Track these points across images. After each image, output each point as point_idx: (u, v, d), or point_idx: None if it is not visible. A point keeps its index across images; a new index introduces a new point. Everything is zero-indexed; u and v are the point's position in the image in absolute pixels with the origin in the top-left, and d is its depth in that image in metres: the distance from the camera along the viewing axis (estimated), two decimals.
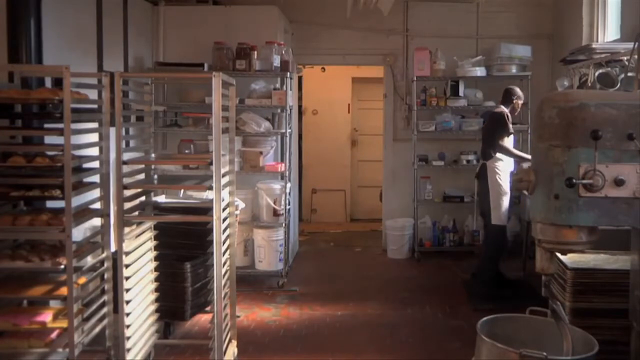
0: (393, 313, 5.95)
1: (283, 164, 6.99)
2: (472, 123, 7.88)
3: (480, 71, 7.73)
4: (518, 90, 6.57)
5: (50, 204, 3.99)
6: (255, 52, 6.81)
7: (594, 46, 5.79)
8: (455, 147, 8.09)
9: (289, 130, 7.06)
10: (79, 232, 4.18)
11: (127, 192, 3.86)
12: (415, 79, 7.88)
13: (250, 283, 6.72)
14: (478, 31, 8.18)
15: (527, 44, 7.78)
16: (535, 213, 2.91)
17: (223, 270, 3.98)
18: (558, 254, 3.12)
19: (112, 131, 3.83)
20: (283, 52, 6.95)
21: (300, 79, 9.36)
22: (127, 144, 5.46)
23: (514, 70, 7.72)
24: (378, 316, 5.88)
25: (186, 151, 6.71)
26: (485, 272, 6.39)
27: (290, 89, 7.30)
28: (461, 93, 7.85)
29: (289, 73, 7.00)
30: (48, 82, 4.51)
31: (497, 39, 7.88)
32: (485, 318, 3.24)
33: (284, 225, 6.91)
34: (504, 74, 7.71)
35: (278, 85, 7.06)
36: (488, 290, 6.23)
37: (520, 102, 6.56)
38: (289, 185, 7.08)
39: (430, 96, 7.92)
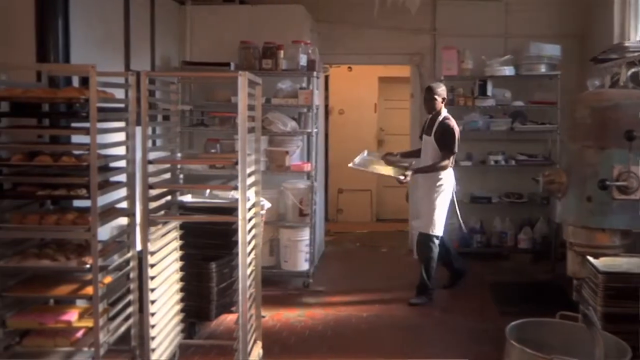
0: (419, 315, 5.89)
1: (309, 164, 6.96)
2: (500, 123, 7.76)
3: (508, 70, 7.62)
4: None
5: (77, 203, 3.99)
6: (282, 52, 6.79)
7: (626, 45, 5.67)
8: (483, 148, 7.97)
9: (315, 130, 7.02)
10: (105, 231, 4.18)
11: (153, 192, 3.85)
12: (442, 78, 7.77)
13: (276, 283, 6.69)
14: (506, 30, 8.06)
15: (556, 42, 7.66)
16: (566, 215, 2.85)
17: (248, 271, 3.95)
18: (590, 258, 3.05)
19: (138, 130, 3.82)
20: (309, 51, 6.92)
21: (326, 78, 9.32)
22: (154, 143, 5.46)
23: (543, 69, 7.59)
24: (403, 318, 5.82)
25: (212, 150, 6.71)
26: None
27: (317, 89, 7.26)
28: (489, 93, 7.72)
29: (315, 72, 6.97)
30: (76, 82, 4.52)
31: (525, 38, 7.75)
32: (514, 323, 3.19)
33: (309, 225, 6.88)
34: (533, 73, 7.59)
35: (304, 85, 7.03)
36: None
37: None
38: (315, 185, 7.04)
39: (458, 96, 7.81)
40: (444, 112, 6.25)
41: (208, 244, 5.02)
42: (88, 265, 3.55)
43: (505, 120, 7.78)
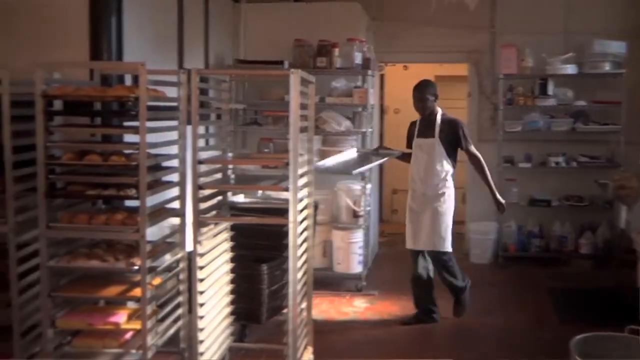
0: (474, 321, 5.72)
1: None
2: (561, 123, 7.54)
3: (570, 69, 7.39)
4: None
5: (129, 202, 3.95)
6: (337, 50, 6.71)
7: None
8: (543, 149, 7.74)
9: (369, 130, 6.91)
10: (156, 231, 4.13)
11: (203, 192, 3.78)
12: (501, 77, 7.60)
13: (329, 285, 6.58)
14: (568, 26, 7.77)
15: (620, 39, 7.36)
16: (637, 223, 2.66)
17: (299, 275, 3.86)
18: None
19: (190, 129, 3.76)
20: (365, 49, 6.81)
21: (382, 77, 9.19)
22: (207, 142, 5.42)
23: (607, 67, 7.35)
24: (458, 324, 5.66)
25: (265, 150, 6.65)
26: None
27: (372, 87, 7.15)
28: (550, 92, 7.51)
29: (370, 71, 6.87)
30: (128, 80, 4.50)
31: (588, 35, 7.47)
32: (579, 337, 3.02)
33: (363, 227, 6.76)
34: (597, 72, 7.36)
35: (359, 83, 6.94)
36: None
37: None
38: (369, 186, 6.92)
39: (517, 95, 7.63)
40: (440, 110, 5.70)
41: (259, 245, 4.92)
42: (136, 267, 3.49)
43: (567, 120, 7.55)
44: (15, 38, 4.44)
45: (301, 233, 3.94)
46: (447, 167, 5.56)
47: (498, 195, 5.67)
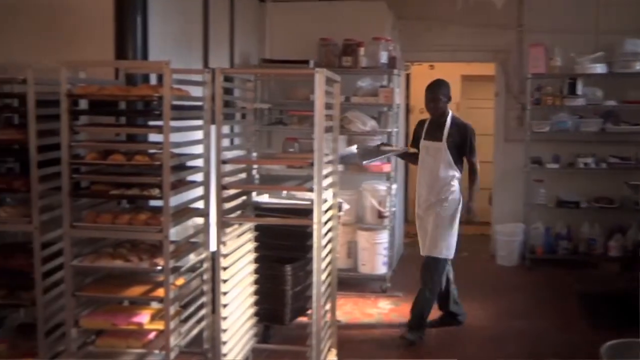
0: (500, 325, 5.65)
1: (389, 164, 6.78)
2: (591, 124, 7.42)
3: (600, 68, 7.28)
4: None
5: (153, 202, 3.94)
6: (362, 49, 6.67)
7: None
8: (572, 149, 7.62)
9: (395, 129, 6.85)
10: (180, 231, 4.12)
11: (227, 192, 3.76)
12: (529, 76, 7.50)
13: (353, 286, 6.53)
14: (598, 25, 7.64)
15: None
16: None
17: (323, 277, 3.82)
18: None
19: (214, 129, 3.74)
20: (390, 48, 6.76)
21: (407, 76, 9.12)
22: (232, 142, 5.40)
23: (638, 67, 7.21)
24: (484, 328, 5.59)
25: (290, 150, 6.62)
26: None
27: (398, 87, 7.09)
28: (579, 91, 7.39)
29: (396, 70, 6.82)
30: (153, 79, 4.49)
31: (618, 34, 7.35)
32: (610, 343, 2.95)
33: (388, 227, 6.71)
34: (627, 71, 7.23)
35: (385, 83, 6.88)
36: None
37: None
38: (394, 186, 6.87)
39: (546, 95, 7.53)
40: (450, 113, 5.42)
41: (283, 245, 4.88)
42: (159, 267, 3.47)
43: (596, 120, 7.44)
44: (42, 37, 4.46)
45: (325, 234, 3.90)
46: (452, 172, 5.33)
47: (473, 201, 5.43)
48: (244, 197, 4.18)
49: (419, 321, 5.28)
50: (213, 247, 3.82)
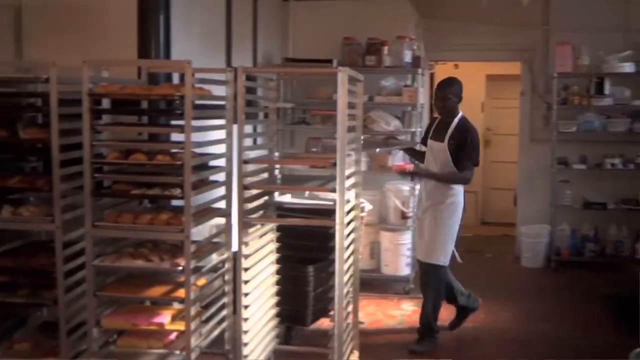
0: (525, 328, 5.57)
1: (412, 164, 6.71)
2: (618, 124, 7.31)
3: (628, 67, 7.16)
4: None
5: (175, 201, 3.93)
6: (386, 48, 6.63)
7: None
8: (599, 150, 7.50)
9: (419, 129, 6.78)
10: (202, 231, 4.10)
11: (249, 192, 3.73)
12: (555, 75, 7.38)
13: (376, 287, 6.47)
14: (626, 23, 7.51)
15: None
16: None
17: (345, 278, 3.78)
18: None
19: (236, 128, 3.71)
20: (414, 47, 6.71)
21: (432, 76, 9.04)
22: (255, 141, 5.38)
23: None
24: (508, 330, 5.51)
25: (313, 149, 6.57)
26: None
27: (422, 86, 7.03)
28: (606, 91, 7.27)
29: (420, 69, 6.76)
30: (176, 79, 4.47)
31: None
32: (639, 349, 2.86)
33: (412, 228, 6.64)
34: None
35: (409, 82, 6.83)
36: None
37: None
38: (418, 186, 6.79)
39: (572, 94, 7.42)
40: (460, 114, 5.17)
41: (306, 246, 4.84)
42: (180, 268, 3.45)
43: (624, 120, 7.33)
44: (66, 37, 4.48)
45: (348, 235, 3.86)
46: None
47: (424, 173, 5.18)
48: (266, 197, 4.15)
49: (428, 331, 5.13)
50: (235, 247, 3.79)
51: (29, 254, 3.76)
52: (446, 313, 5.42)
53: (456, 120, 5.15)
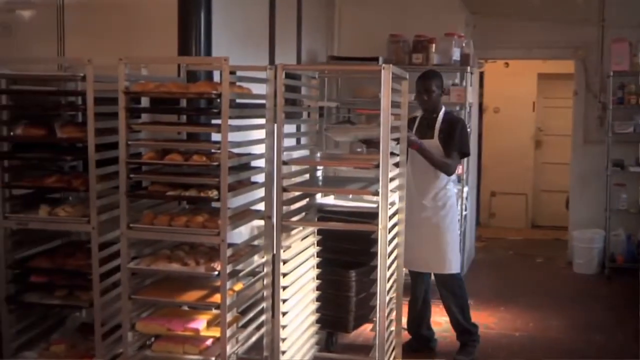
0: (578, 338, 5.35)
1: (460, 166, 6.52)
2: None
3: None
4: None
5: (213, 203, 3.83)
6: (434, 45, 6.48)
7: None
8: None
9: (468, 130, 6.58)
10: (241, 233, 3.99)
11: (288, 194, 3.61)
12: (611, 74, 7.15)
13: None
14: None
15: None
16: None
17: (388, 285, 3.62)
18: None
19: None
20: (463, 44, 6.53)
21: (481, 74, 8.84)
22: (298, 141, 5.27)
23: None
24: (560, 341, 5.30)
25: (358, 150, 6.43)
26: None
27: (471, 85, 6.84)
28: None
29: (469, 67, 6.59)
30: (217, 77, 4.38)
31: None
32: None
33: (459, 231, 6.44)
34: None
35: (457, 81, 6.67)
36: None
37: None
38: (465, 189, 6.61)
39: (629, 93, 7.21)
40: (443, 108, 4.96)
41: (348, 249, 4.71)
42: (216, 272, 3.34)
43: None
44: (106, 35, 4.45)
45: (392, 239, 3.71)
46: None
47: (421, 145, 4.68)
48: (307, 199, 4.03)
49: (468, 336, 4.96)
50: (274, 250, 3.67)
51: (67, 255, 3.70)
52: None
53: (441, 114, 4.91)
